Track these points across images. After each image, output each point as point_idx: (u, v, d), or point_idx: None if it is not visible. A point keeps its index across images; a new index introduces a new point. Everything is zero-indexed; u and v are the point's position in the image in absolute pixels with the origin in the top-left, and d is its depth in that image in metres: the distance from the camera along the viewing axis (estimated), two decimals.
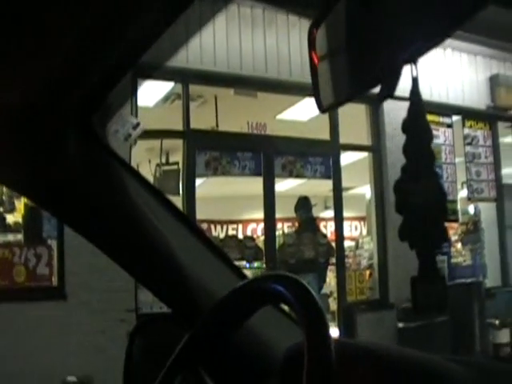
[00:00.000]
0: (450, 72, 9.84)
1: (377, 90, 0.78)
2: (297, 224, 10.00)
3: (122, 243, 1.46)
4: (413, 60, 0.69)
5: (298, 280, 1.09)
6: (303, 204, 9.50)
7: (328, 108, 0.85)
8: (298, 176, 9.13)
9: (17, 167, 1.32)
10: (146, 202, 1.48)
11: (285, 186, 12.27)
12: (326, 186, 10.14)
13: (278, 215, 9.03)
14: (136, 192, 1.46)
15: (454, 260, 9.96)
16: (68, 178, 1.34)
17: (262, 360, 1.45)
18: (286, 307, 1.62)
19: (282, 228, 13.65)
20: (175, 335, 1.47)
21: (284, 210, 9.65)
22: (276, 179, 8.83)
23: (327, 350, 0.96)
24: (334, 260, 9.07)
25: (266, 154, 8.55)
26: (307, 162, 8.88)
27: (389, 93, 0.72)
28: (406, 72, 0.77)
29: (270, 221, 8.83)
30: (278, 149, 8.66)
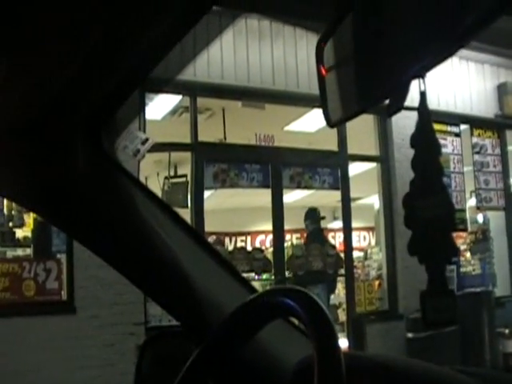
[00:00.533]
0: (457, 81, 9.84)
1: (385, 102, 0.79)
2: (305, 235, 10.00)
3: (131, 257, 1.46)
4: (421, 74, 0.69)
5: (308, 294, 1.09)
6: (311, 215, 9.51)
7: (337, 123, 0.85)
8: (306, 187, 9.15)
9: (25, 182, 1.33)
10: (154, 215, 1.48)
11: (293, 197, 12.26)
12: (334, 197, 10.14)
13: (286, 227, 9.04)
14: (144, 206, 1.47)
15: (463, 269, 9.92)
16: (76, 193, 1.34)
17: (272, 373, 1.44)
18: (295, 320, 1.62)
19: (291, 239, 13.64)
20: (185, 349, 1.46)
21: (292, 221, 9.66)
22: (284, 190, 8.83)
23: (337, 363, 0.97)
24: (342, 271, 9.06)
25: (274, 166, 8.55)
26: (315, 173, 8.88)
27: (398, 107, 0.72)
28: (415, 83, 0.77)
29: (278, 232, 8.83)
30: (286, 160, 8.67)
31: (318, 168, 8.88)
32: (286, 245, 9.38)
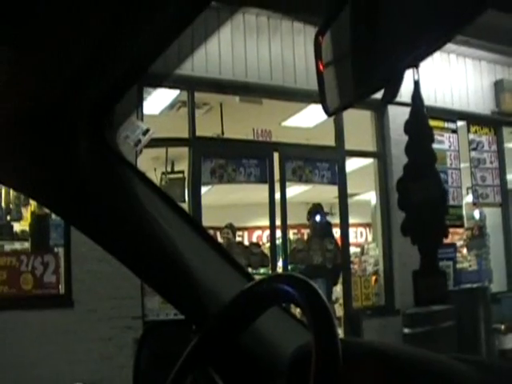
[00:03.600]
0: (454, 77, 9.85)
1: (380, 94, 0.81)
2: (304, 230, 10.02)
3: (132, 247, 1.48)
4: (415, 64, 0.71)
5: (307, 281, 1.11)
6: (318, 210, 9.57)
7: (334, 112, 0.88)
8: (305, 182, 9.14)
9: (28, 172, 1.35)
10: (155, 206, 1.50)
11: (290, 192, 12.26)
12: (331, 193, 10.15)
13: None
14: (146, 197, 1.49)
15: (459, 265, 9.94)
16: (78, 183, 1.37)
17: (270, 360, 1.47)
18: (292, 309, 1.65)
19: (288, 235, 13.65)
20: (184, 338, 1.49)
21: (289, 216, 9.66)
22: (278, 186, 8.84)
23: (334, 349, 0.98)
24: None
25: (272, 161, 8.56)
26: (314, 167, 8.88)
27: (392, 96, 0.74)
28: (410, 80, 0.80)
29: (275, 227, 8.85)
30: (285, 155, 8.67)
31: (316, 163, 8.89)
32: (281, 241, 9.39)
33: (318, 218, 9.51)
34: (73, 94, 1.19)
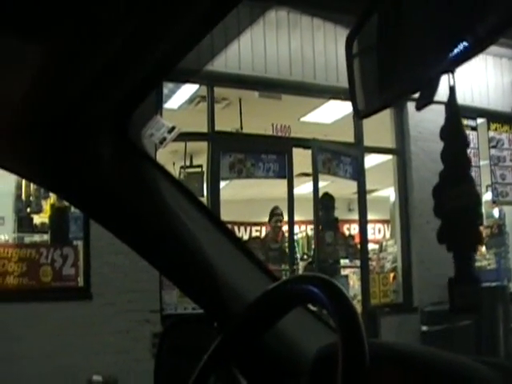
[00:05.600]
0: (474, 74, 9.76)
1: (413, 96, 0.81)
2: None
3: (155, 243, 1.49)
4: (451, 69, 0.71)
5: (332, 281, 1.10)
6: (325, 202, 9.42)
7: (366, 115, 0.87)
8: (333, 175, 9.01)
9: (52, 168, 1.36)
10: (179, 203, 1.50)
11: (307, 188, 12.25)
12: (349, 189, 10.13)
13: (300, 218, 9.03)
14: (169, 194, 1.49)
15: (478, 264, 9.87)
16: (103, 181, 1.37)
17: (293, 360, 1.47)
18: (315, 309, 1.65)
19: (306, 230, 13.64)
20: (205, 336, 1.49)
21: (307, 212, 9.65)
22: (298, 181, 8.81)
23: (361, 351, 0.98)
24: (358, 262, 9.07)
25: (291, 156, 8.55)
26: (339, 161, 8.83)
27: (427, 101, 0.74)
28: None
29: (293, 223, 8.84)
30: (317, 148, 8.60)
31: (341, 157, 8.84)
32: (300, 236, 9.36)
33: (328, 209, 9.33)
34: (98, 92, 1.19)
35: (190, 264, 1.50)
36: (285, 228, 9.23)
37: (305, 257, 9.25)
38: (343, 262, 9.23)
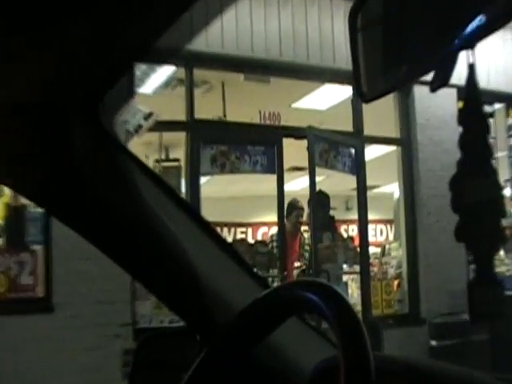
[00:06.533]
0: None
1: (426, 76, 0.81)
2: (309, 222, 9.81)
3: (130, 246, 1.48)
4: (470, 45, 0.71)
5: (332, 287, 1.11)
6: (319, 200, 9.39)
7: (371, 98, 0.87)
8: (330, 168, 8.98)
9: (20, 167, 1.35)
10: (158, 201, 1.50)
11: (299, 184, 12.28)
12: (347, 185, 10.17)
13: None
14: (147, 190, 1.49)
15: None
16: (69, 172, 1.36)
17: (287, 376, 1.47)
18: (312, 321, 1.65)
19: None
20: (185, 351, 1.49)
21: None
22: (288, 176, 8.79)
23: (367, 367, 0.98)
24: (357, 268, 9.09)
25: (281, 148, 8.55)
26: (338, 153, 8.81)
27: (443, 82, 0.74)
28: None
29: (284, 223, 8.85)
30: (314, 137, 8.53)
31: (339, 148, 8.83)
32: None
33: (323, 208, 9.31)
34: (66, 74, 1.19)
35: (169, 269, 1.50)
36: (275, 229, 9.23)
37: (297, 263, 9.17)
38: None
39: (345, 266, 9.26)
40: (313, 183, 8.60)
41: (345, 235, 10.91)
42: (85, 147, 1.35)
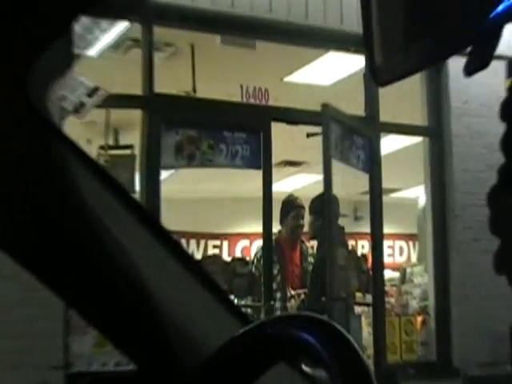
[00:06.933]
0: None
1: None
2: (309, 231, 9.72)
3: (65, 262, 1.48)
4: None
5: (333, 324, 1.12)
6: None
7: (388, 80, 0.87)
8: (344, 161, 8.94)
9: None
10: (101, 201, 1.51)
11: (293, 184, 12.30)
12: (355, 187, 10.17)
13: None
14: (89, 187, 1.49)
15: None
16: None
17: None
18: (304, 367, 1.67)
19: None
20: None
21: None
22: (279, 173, 8.79)
23: None
24: (368, 298, 9.09)
25: (269, 135, 8.56)
26: (352, 143, 8.78)
27: (483, 63, 0.75)
28: None
29: (271, 234, 8.87)
30: (331, 117, 8.44)
31: (354, 136, 8.79)
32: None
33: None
34: None
35: (115, 293, 1.50)
36: (260, 242, 9.22)
37: (291, 292, 9.07)
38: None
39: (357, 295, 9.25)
40: (328, 181, 8.44)
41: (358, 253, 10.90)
42: (7, 132, 1.36)
